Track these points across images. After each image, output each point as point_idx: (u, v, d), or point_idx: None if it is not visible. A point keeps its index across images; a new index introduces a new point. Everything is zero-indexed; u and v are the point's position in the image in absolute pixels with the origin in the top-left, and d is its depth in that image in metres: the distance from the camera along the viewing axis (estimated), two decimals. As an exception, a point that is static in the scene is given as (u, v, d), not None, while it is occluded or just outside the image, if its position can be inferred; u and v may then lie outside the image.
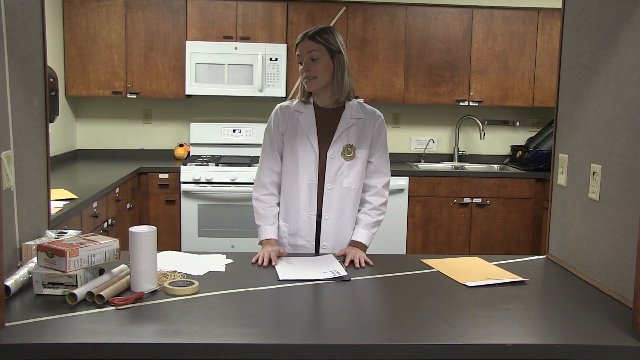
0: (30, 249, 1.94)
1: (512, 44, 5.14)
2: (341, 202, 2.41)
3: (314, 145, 2.39)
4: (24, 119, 2.01)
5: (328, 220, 2.40)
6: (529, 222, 4.98)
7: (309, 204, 2.40)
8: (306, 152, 2.39)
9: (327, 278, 2.00)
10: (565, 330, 1.62)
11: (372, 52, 5.06)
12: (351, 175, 2.40)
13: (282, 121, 2.43)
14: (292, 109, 2.44)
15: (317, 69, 2.32)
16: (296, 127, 2.41)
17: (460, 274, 2.06)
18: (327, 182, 2.39)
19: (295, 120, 2.41)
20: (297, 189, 2.40)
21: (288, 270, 2.08)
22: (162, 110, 5.38)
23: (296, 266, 2.14)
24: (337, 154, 2.39)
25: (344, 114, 2.41)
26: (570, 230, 2.19)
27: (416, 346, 1.51)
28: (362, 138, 2.41)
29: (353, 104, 2.44)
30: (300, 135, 2.40)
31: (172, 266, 2.07)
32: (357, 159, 2.41)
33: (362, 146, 2.41)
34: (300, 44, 2.35)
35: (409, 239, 4.92)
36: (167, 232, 4.74)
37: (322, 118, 2.41)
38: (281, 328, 1.61)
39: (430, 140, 5.55)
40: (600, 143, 1.99)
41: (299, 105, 2.44)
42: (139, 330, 1.54)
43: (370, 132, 2.42)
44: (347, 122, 2.40)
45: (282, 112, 2.44)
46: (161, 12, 4.92)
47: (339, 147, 2.39)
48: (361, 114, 2.42)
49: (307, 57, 2.32)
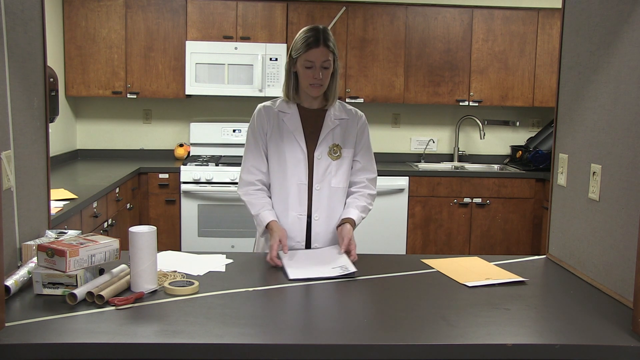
0: (30, 249, 1.94)
1: (512, 44, 5.14)
2: (330, 201, 2.40)
3: (302, 145, 2.37)
4: (24, 119, 2.01)
5: (318, 220, 2.39)
6: (529, 222, 4.98)
7: (299, 204, 2.38)
8: (294, 153, 2.37)
9: (336, 276, 2.01)
10: (566, 330, 1.63)
11: (372, 52, 5.06)
12: (339, 175, 2.41)
13: (267, 121, 2.40)
14: (275, 109, 2.41)
15: (326, 78, 2.31)
16: (281, 128, 2.38)
17: (460, 274, 2.06)
18: (315, 183, 2.39)
19: (279, 121, 2.39)
20: (285, 189, 2.38)
21: (297, 268, 2.07)
22: (162, 110, 5.38)
23: (304, 262, 2.14)
24: (324, 154, 2.39)
25: (327, 114, 2.41)
26: (570, 230, 2.19)
27: (416, 346, 1.51)
28: (347, 137, 2.42)
29: (335, 103, 2.44)
30: (287, 135, 2.38)
31: (172, 266, 2.06)
32: (344, 158, 2.41)
33: (347, 145, 2.42)
34: (316, 51, 2.27)
35: (409, 239, 4.92)
36: (167, 232, 4.74)
37: (306, 118, 2.40)
38: (281, 328, 1.61)
39: (430, 140, 5.55)
40: (600, 143, 1.99)
41: (282, 106, 2.41)
42: (139, 330, 1.54)
43: (353, 132, 2.43)
44: (332, 122, 2.40)
45: (266, 112, 2.41)
46: (161, 12, 4.92)
47: (325, 147, 2.39)
48: (344, 114, 2.43)
49: (320, 65, 2.29)
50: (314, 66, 2.28)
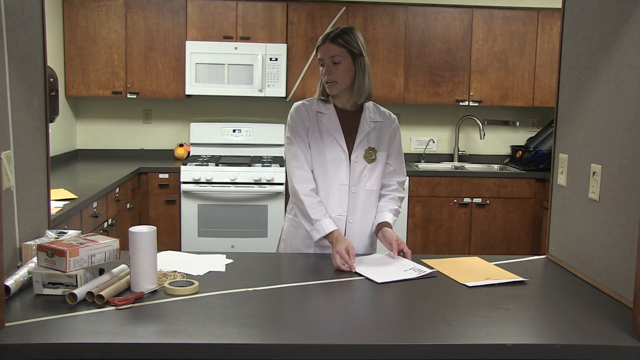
0: (30, 249, 1.94)
1: (512, 44, 5.14)
2: (364, 205, 2.40)
3: (343, 146, 2.37)
4: (24, 119, 2.01)
5: (352, 223, 2.39)
6: (529, 222, 4.98)
7: (339, 205, 2.38)
8: (336, 153, 2.36)
9: (416, 277, 2.02)
10: (565, 330, 1.63)
11: (372, 52, 5.06)
12: (373, 178, 2.41)
13: (307, 118, 2.38)
14: (313, 108, 2.40)
15: (338, 73, 2.30)
16: (320, 128, 2.37)
17: (460, 274, 2.06)
18: (351, 185, 2.38)
19: (318, 121, 2.38)
20: (327, 190, 2.37)
21: (375, 272, 2.05)
22: (162, 110, 5.38)
23: (376, 267, 2.12)
24: (360, 156, 2.39)
25: (363, 116, 2.40)
26: (570, 230, 2.19)
27: (416, 346, 1.51)
28: (381, 140, 2.42)
29: (369, 105, 2.43)
30: (327, 136, 2.36)
31: (172, 266, 2.06)
32: (378, 161, 2.41)
33: (381, 148, 2.42)
34: (322, 47, 2.32)
35: (409, 239, 4.92)
36: (167, 232, 4.74)
37: (343, 120, 2.39)
38: (281, 328, 1.61)
39: (430, 140, 5.55)
40: (600, 143, 1.99)
41: (319, 106, 2.40)
42: (139, 330, 1.54)
43: (387, 135, 2.43)
44: (367, 125, 2.39)
45: (306, 109, 2.39)
46: (161, 12, 4.92)
47: (361, 150, 2.39)
48: (378, 117, 2.43)
49: (329, 61, 2.30)
50: (324, 63, 2.31)
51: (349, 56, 2.30)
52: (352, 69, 2.32)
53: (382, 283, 1.97)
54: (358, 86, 2.34)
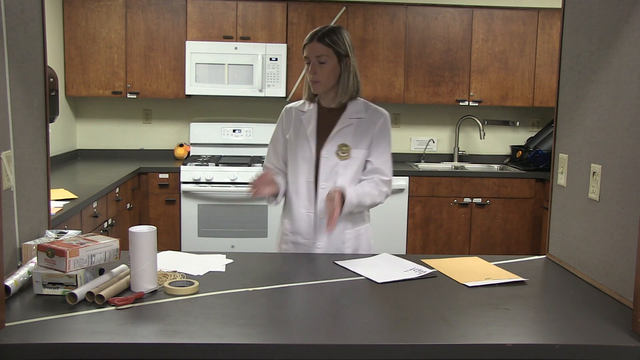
0: (30, 249, 1.94)
1: (512, 44, 5.14)
2: None
3: (312, 143, 2.40)
4: (24, 119, 2.01)
5: (323, 220, 2.39)
6: (529, 222, 4.98)
7: (308, 202, 2.41)
8: (304, 151, 2.40)
9: (416, 277, 2.02)
10: (565, 330, 1.63)
11: (372, 52, 5.06)
12: (346, 175, 2.38)
13: (286, 121, 2.49)
14: (296, 109, 2.48)
15: (323, 73, 2.32)
16: (297, 126, 2.45)
17: (460, 274, 2.06)
18: (321, 182, 2.39)
19: (298, 120, 2.45)
20: (297, 186, 2.43)
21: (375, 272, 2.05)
22: (162, 110, 5.38)
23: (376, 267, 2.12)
24: (331, 153, 2.38)
25: (343, 114, 2.40)
26: (570, 230, 2.19)
27: (416, 346, 1.50)
28: (360, 138, 2.38)
29: (358, 102, 2.42)
30: (301, 134, 2.43)
31: (172, 266, 2.06)
32: (353, 159, 2.38)
33: (359, 146, 2.38)
34: (309, 46, 2.33)
35: (409, 239, 4.92)
36: (167, 232, 4.74)
37: (323, 117, 2.42)
38: (281, 328, 1.61)
39: (430, 140, 5.55)
40: (600, 143, 1.99)
41: (303, 105, 2.48)
42: (139, 330, 1.54)
43: (370, 132, 2.39)
44: (344, 122, 2.39)
45: (287, 112, 2.51)
46: (161, 12, 4.92)
47: (333, 146, 2.38)
48: (362, 114, 2.40)
49: (315, 61, 2.32)
50: (310, 62, 2.34)
51: (335, 56, 2.32)
52: (338, 69, 2.33)
53: (382, 283, 1.97)
54: (342, 86, 2.36)
